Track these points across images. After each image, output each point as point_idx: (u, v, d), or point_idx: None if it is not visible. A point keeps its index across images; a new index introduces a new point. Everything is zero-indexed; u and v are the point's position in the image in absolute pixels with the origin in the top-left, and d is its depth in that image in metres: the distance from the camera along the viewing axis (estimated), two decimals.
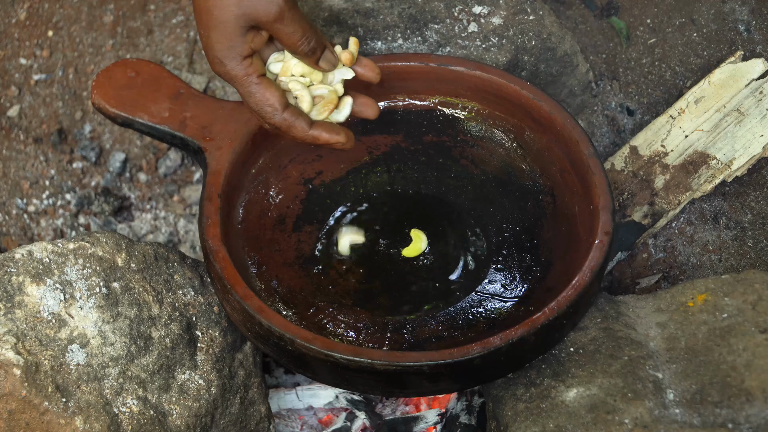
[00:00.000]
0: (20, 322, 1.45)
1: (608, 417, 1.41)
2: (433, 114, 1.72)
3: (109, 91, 1.65)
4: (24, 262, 1.49)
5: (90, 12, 2.15)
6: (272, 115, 1.47)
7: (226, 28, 1.42)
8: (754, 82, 1.80)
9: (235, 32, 1.42)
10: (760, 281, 1.52)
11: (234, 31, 1.42)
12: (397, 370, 1.43)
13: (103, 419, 1.45)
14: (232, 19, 1.42)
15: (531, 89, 1.65)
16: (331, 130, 1.51)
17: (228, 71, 1.45)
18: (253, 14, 1.42)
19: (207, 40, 1.44)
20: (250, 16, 1.42)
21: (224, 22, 1.42)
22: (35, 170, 2.09)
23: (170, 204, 2.07)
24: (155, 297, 1.55)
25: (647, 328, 1.53)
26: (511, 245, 1.62)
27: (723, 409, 1.39)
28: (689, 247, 1.80)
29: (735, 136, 1.78)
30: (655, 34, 1.93)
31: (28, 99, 2.12)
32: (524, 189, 1.66)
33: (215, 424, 1.56)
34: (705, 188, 1.77)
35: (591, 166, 1.57)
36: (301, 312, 1.57)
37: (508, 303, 1.57)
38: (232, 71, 1.45)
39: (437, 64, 1.68)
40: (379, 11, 1.75)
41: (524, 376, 1.51)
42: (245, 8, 1.41)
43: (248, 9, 1.41)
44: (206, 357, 1.56)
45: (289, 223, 1.66)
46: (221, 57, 1.44)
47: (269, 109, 1.47)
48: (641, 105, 1.91)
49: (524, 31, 1.77)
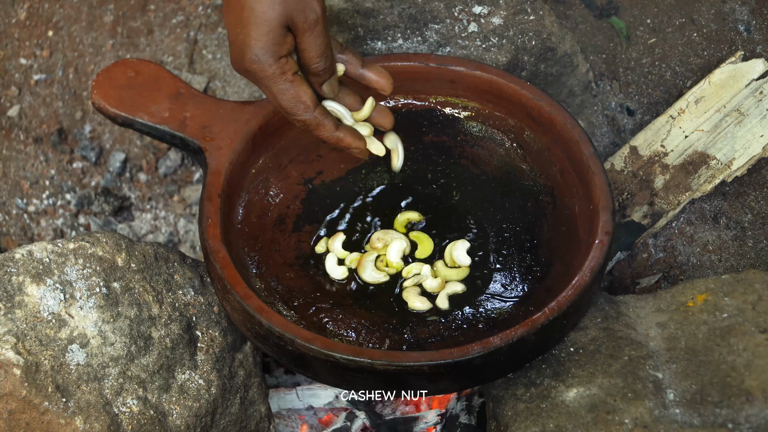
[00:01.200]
0: (20, 322, 1.45)
1: (608, 417, 1.41)
2: (433, 114, 1.72)
3: (109, 91, 1.65)
4: (24, 262, 1.49)
5: (90, 12, 2.15)
6: (304, 112, 1.49)
7: (269, 26, 1.43)
8: (754, 82, 1.80)
9: (277, 30, 1.43)
10: (760, 281, 1.52)
11: (276, 29, 1.43)
12: (397, 370, 1.43)
13: (103, 419, 1.45)
14: (276, 18, 1.42)
15: (531, 89, 1.65)
16: (355, 136, 1.54)
17: (264, 68, 1.45)
18: (293, 15, 1.43)
19: (245, 37, 1.44)
20: (291, 17, 1.43)
21: (268, 20, 1.42)
22: (35, 170, 2.09)
23: (170, 204, 2.07)
24: (155, 297, 1.55)
25: (647, 328, 1.53)
26: (511, 245, 1.62)
27: (723, 409, 1.39)
28: (689, 247, 1.80)
29: (735, 137, 1.78)
30: (655, 34, 1.93)
31: (28, 99, 2.12)
32: (524, 189, 1.66)
33: (215, 424, 1.56)
34: (705, 188, 1.77)
35: (591, 166, 1.57)
36: (301, 312, 1.57)
37: (508, 303, 1.57)
38: (269, 69, 1.45)
39: (437, 64, 1.68)
40: (379, 11, 1.75)
41: (524, 376, 1.51)
42: (290, 8, 1.42)
43: (292, 10, 1.42)
44: (206, 357, 1.56)
45: (289, 223, 1.66)
46: (259, 54, 1.44)
47: (302, 106, 1.49)
48: (641, 105, 1.91)
49: (524, 31, 1.77)
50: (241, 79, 2.08)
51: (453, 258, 1.60)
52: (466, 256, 1.61)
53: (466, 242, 1.61)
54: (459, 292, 1.58)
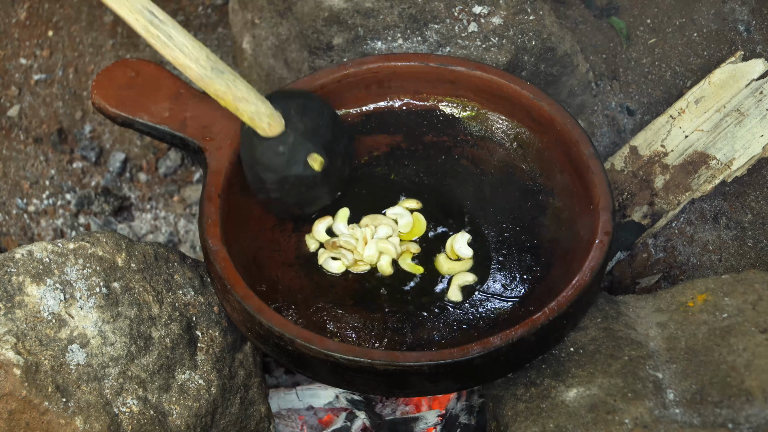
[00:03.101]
0: (20, 322, 1.45)
1: (608, 417, 1.41)
2: (433, 114, 1.72)
3: (109, 91, 1.65)
4: (24, 262, 1.49)
5: (90, 12, 2.15)
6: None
7: None
8: (754, 83, 1.80)
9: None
10: (760, 281, 1.52)
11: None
12: (397, 370, 1.43)
13: (103, 419, 1.45)
14: None
15: (531, 89, 1.65)
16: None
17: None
18: None
19: None
20: None
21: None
22: (35, 170, 2.09)
23: (170, 204, 2.07)
24: (155, 297, 1.55)
25: (647, 328, 1.53)
26: (511, 245, 1.62)
27: (723, 409, 1.39)
28: (689, 247, 1.80)
29: (735, 137, 1.78)
30: (655, 34, 1.93)
31: (28, 99, 2.12)
32: (524, 189, 1.66)
33: (215, 424, 1.56)
34: (705, 188, 1.77)
35: (591, 166, 1.57)
36: (301, 312, 1.57)
37: (508, 303, 1.57)
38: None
39: (437, 64, 1.68)
40: (379, 11, 1.75)
41: (524, 376, 1.51)
42: None
43: None
44: (206, 357, 1.57)
45: (289, 223, 1.66)
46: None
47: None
48: (641, 105, 1.91)
49: (524, 31, 1.77)
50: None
51: (454, 250, 1.61)
52: (467, 248, 1.61)
53: (467, 234, 1.62)
54: (470, 282, 1.58)
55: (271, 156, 1.58)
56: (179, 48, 1.51)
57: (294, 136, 1.58)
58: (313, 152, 1.60)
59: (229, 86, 1.53)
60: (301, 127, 1.59)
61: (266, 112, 1.56)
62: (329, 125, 1.63)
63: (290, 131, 1.58)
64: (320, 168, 1.61)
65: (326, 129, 1.62)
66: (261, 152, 1.58)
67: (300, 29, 1.81)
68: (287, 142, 1.58)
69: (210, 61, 1.52)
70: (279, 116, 1.58)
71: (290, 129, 1.58)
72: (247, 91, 1.55)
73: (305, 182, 1.60)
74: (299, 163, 1.59)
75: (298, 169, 1.60)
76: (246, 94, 1.55)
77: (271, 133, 1.58)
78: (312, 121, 1.61)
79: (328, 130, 1.63)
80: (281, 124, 1.58)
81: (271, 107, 1.57)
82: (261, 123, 1.57)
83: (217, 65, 1.53)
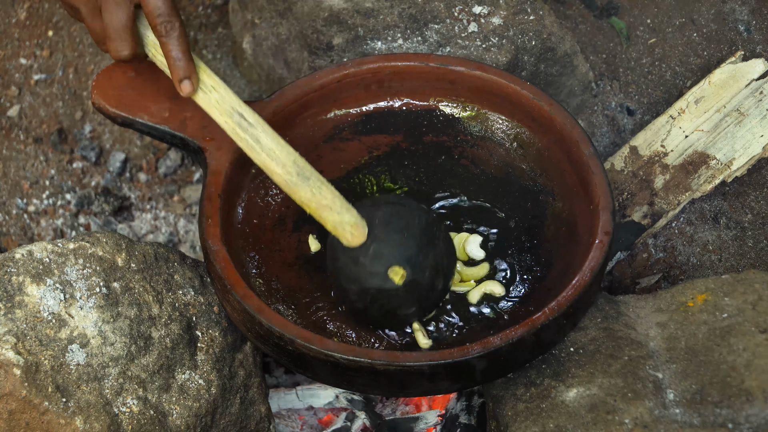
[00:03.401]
0: (20, 322, 1.45)
1: (608, 417, 1.41)
2: (433, 114, 1.72)
3: (109, 91, 1.65)
4: (24, 262, 1.49)
5: None
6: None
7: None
8: (754, 83, 1.80)
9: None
10: (760, 281, 1.52)
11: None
12: (397, 370, 1.43)
13: (103, 419, 1.45)
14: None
15: (531, 89, 1.65)
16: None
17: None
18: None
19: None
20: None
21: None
22: (35, 170, 2.09)
23: (170, 204, 2.07)
24: (155, 297, 1.55)
25: (647, 328, 1.53)
26: (511, 245, 1.62)
27: (723, 409, 1.39)
28: (689, 247, 1.80)
29: (735, 137, 1.78)
30: (655, 34, 1.93)
31: (28, 99, 2.12)
32: (524, 189, 1.66)
33: (215, 424, 1.56)
34: (705, 188, 1.77)
35: (591, 166, 1.57)
36: (301, 312, 1.57)
37: (508, 303, 1.57)
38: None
39: (437, 64, 1.68)
40: (379, 11, 1.75)
41: (524, 376, 1.51)
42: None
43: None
44: (206, 357, 1.57)
45: (289, 223, 1.66)
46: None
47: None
48: (641, 105, 1.91)
49: (524, 31, 1.77)
50: (241, 79, 2.08)
51: (466, 253, 1.60)
52: (479, 249, 1.60)
53: (479, 236, 1.61)
54: (498, 294, 1.56)
55: (352, 266, 1.50)
56: (266, 152, 1.47)
57: (374, 247, 1.49)
58: (394, 265, 1.49)
59: (314, 193, 1.47)
60: (383, 237, 1.50)
61: (350, 221, 1.49)
62: (417, 236, 1.51)
63: (370, 241, 1.49)
64: (401, 281, 1.49)
65: (413, 240, 1.50)
66: (344, 262, 1.51)
67: (300, 29, 1.81)
68: (368, 253, 1.49)
69: (297, 167, 1.47)
70: (363, 225, 1.49)
71: (371, 239, 1.49)
72: (332, 199, 1.48)
73: (386, 295, 1.50)
74: (379, 275, 1.49)
75: (378, 282, 1.49)
76: (331, 201, 1.48)
77: (354, 243, 1.49)
78: (397, 231, 1.51)
79: (415, 242, 1.51)
80: (364, 233, 1.49)
81: (356, 216, 1.49)
82: (344, 232, 1.49)
83: (303, 171, 1.47)
